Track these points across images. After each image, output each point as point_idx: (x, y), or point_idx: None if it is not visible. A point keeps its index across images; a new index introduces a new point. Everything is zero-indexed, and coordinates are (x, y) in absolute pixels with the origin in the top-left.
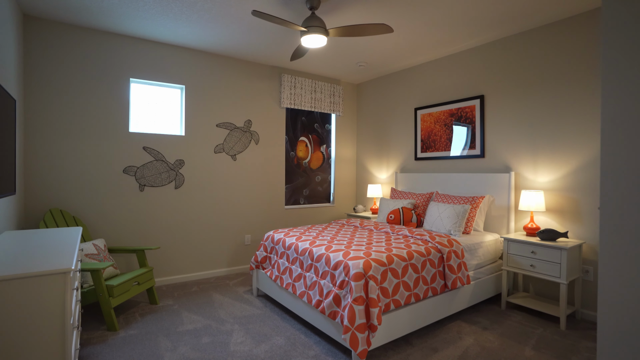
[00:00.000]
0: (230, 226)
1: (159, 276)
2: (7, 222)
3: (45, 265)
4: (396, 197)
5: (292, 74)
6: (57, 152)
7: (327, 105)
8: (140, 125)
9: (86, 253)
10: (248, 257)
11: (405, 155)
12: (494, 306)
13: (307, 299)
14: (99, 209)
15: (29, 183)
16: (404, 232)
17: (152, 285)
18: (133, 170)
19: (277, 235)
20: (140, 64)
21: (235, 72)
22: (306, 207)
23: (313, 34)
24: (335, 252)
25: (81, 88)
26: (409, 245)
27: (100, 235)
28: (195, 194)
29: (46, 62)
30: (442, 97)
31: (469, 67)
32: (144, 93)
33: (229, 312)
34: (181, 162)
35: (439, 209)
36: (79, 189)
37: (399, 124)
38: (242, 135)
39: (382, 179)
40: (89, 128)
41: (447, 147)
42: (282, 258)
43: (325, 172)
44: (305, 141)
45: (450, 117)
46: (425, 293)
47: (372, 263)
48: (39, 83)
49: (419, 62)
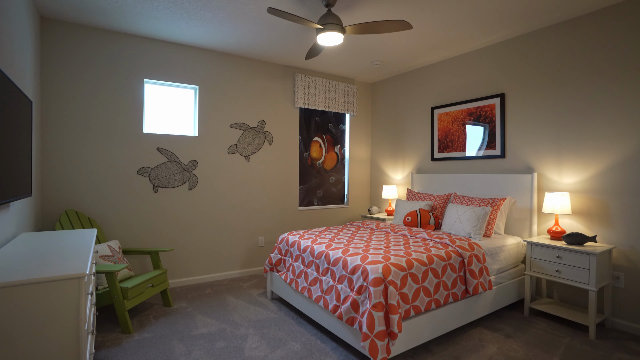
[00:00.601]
0: (243, 227)
1: (172, 278)
2: (23, 223)
3: (59, 269)
4: (412, 198)
5: (306, 74)
6: (72, 153)
7: (341, 105)
8: (154, 126)
9: (101, 255)
10: (261, 259)
11: (421, 156)
12: (517, 312)
13: (324, 304)
14: (113, 210)
15: (46, 184)
16: (423, 235)
17: (166, 287)
18: (147, 171)
19: (292, 238)
20: (154, 64)
21: (248, 72)
22: (320, 208)
23: (329, 32)
24: (352, 256)
25: (96, 89)
26: (428, 249)
27: (115, 236)
28: (208, 195)
29: (62, 63)
30: (460, 96)
31: (488, 64)
32: (157, 94)
33: (243, 315)
34: (195, 163)
35: (458, 211)
36: (94, 190)
37: (415, 124)
38: (256, 135)
39: (398, 180)
40: (103, 129)
41: (465, 147)
42: (297, 261)
43: (339, 172)
44: (319, 141)
45: (468, 117)
46: (445, 299)
47: (391, 268)
48: (55, 84)
49: (436, 60)
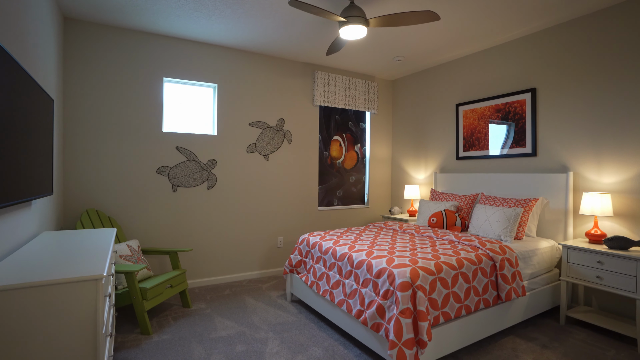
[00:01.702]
0: (262, 228)
1: (191, 278)
2: (45, 222)
3: (76, 271)
4: (436, 198)
5: (326, 71)
6: (93, 152)
7: (362, 102)
8: (173, 125)
9: (120, 254)
10: (280, 260)
11: (445, 155)
12: (551, 321)
13: (347, 308)
14: (133, 210)
15: (68, 183)
16: (450, 237)
17: (185, 288)
18: (166, 171)
19: (313, 239)
20: (174, 63)
21: (267, 70)
22: (340, 208)
23: (352, 25)
24: (377, 259)
25: (116, 88)
26: (457, 251)
27: (134, 235)
28: (227, 195)
29: (84, 63)
30: (487, 91)
31: (519, 58)
32: (176, 92)
33: (262, 318)
34: (214, 162)
35: (486, 212)
36: (114, 189)
37: (438, 122)
38: (275, 134)
39: (420, 179)
40: (123, 128)
41: (493, 145)
42: (319, 263)
43: (360, 172)
44: (339, 140)
45: (496, 113)
46: (476, 305)
47: (419, 272)
48: (76, 84)
49: (462, 54)
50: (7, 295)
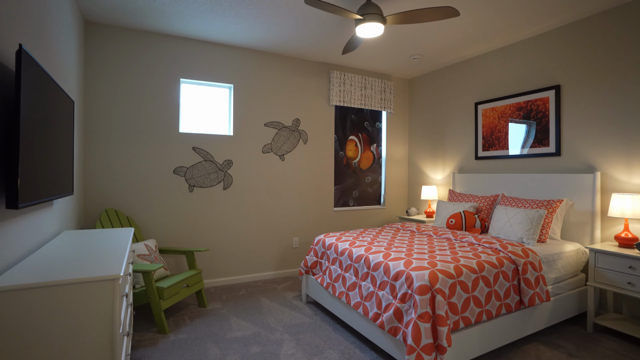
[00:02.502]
0: (278, 228)
1: (207, 278)
2: (66, 221)
3: (94, 270)
4: (454, 199)
5: (342, 70)
6: (112, 152)
7: (378, 102)
8: (189, 126)
9: (138, 254)
10: (296, 261)
11: (463, 154)
12: (578, 328)
13: (363, 311)
14: (150, 210)
15: (88, 183)
16: (469, 239)
17: (201, 287)
18: (183, 171)
19: (329, 240)
20: (190, 64)
21: (283, 70)
22: (356, 209)
23: (369, 22)
24: (394, 261)
25: (134, 89)
26: (477, 254)
27: (152, 235)
28: (243, 195)
29: (103, 65)
30: (508, 89)
31: (542, 54)
32: (193, 93)
33: (278, 319)
34: (229, 163)
35: (507, 214)
36: (132, 189)
37: (456, 121)
38: (291, 134)
39: (438, 180)
40: (141, 129)
41: (514, 144)
42: (334, 264)
43: (376, 172)
44: (355, 140)
45: (517, 112)
46: (498, 310)
47: (438, 275)
48: (96, 86)
49: (482, 51)
50: (26, 294)
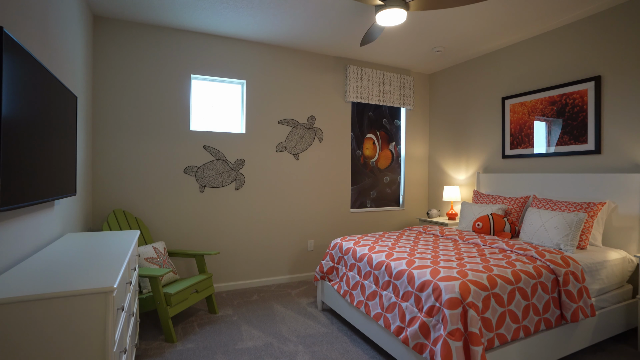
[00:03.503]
0: (292, 230)
1: (218, 282)
2: (70, 223)
3: (85, 281)
4: (480, 201)
5: (359, 65)
6: (121, 151)
7: (397, 98)
8: (200, 124)
9: (146, 257)
10: (310, 265)
11: (489, 153)
12: (626, 346)
13: (384, 323)
14: (159, 210)
15: (97, 183)
16: (500, 245)
17: (211, 293)
18: (193, 170)
19: (346, 244)
20: (201, 59)
21: (297, 65)
22: (373, 210)
23: (391, 9)
24: (419, 269)
25: (144, 86)
26: (511, 262)
27: (161, 237)
28: (256, 196)
29: (112, 61)
30: (539, 82)
31: (579, 42)
32: (204, 89)
33: (291, 328)
34: (242, 162)
35: (541, 217)
36: (141, 190)
37: (481, 118)
38: (305, 132)
39: (460, 180)
40: (151, 127)
41: (546, 141)
42: (352, 271)
43: (394, 172)
44: (373, 138)
45: (550, 106)
46: (536, 326)
47: (470, 286)
48: (105, 82)
49: (510, 42)
50: (12, 308)
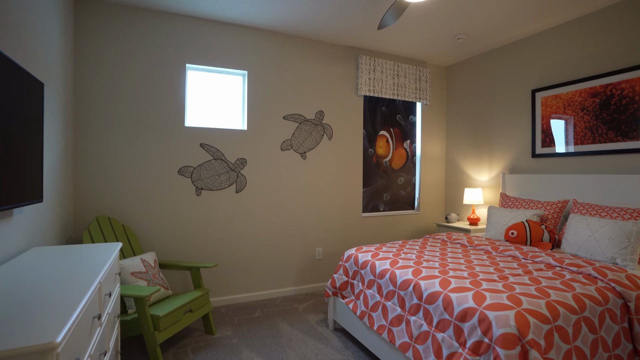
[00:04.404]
0: (298, 237)
1: (217, 295)
2: (36, 235)
3: (21, 331)
4: (509, 205)
5: (371, 55)
6: (106, 149)
7: (412, 92)
8: (197, 119)
9: (132, 271)
10: (319, 275)
11: (516, 152)
12: None
13: (414, 356)
14: (150, 217)
15: (79, 186)
16: (545, 260)
17: (208, 311)
18: (189, 171)
19: (362, 256)
20: (198, 47)
21: (304, 55)
22: (387, 214)
23: None
24: (458, 292)
25: (133, 76)
26: (567, 284)
27: (152, 246)
28: (258, 199)
29: (95, 48)
30: (577, 72)
31: (626, 25)
32: (201, 81)
33: (300, 354)
34: (243, 162)
35: (590, 226)
36: (129, 193)
37: (506, 113)
38: (313, 129)
39: (483, 181)
40: (141, 122)
41: (586, 138)
42: (371, 288)
43: (409, 172)
44: (386, 136)
45: (590, 99)
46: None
47: (529, 318)
48: (88, 71)
49: (543, 27)
50: None
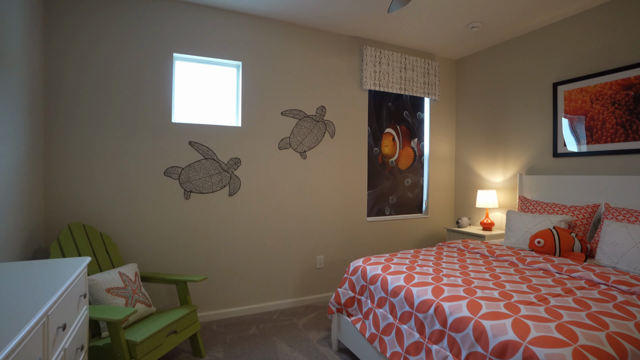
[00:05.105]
0: (298, 244)
1: (208, 309)
2: None
3: None
4: (530, 209)
5: (377, 46)
6: (83, 148)
7: (420, 86)
8: (186, 115)
9: (108, 287)
10: (320, 285)
11: (534, 151)
12: None
13: None
14: (132, 223)
15: (50, 189)
16: (584, 274)
17: (196, 331)
18: (177, 172)
19: (372, 270)
20: (186, 35)
21: (304, 45)
22: (393, 219)
23: None
24: (493, 319)
25: (113, 67)
26: (622, 307)
27: (135, 256)
28: (254, 203)
29: (70, 34)
30: (607, 62)
31: None
32: (190, 73)
33: None
34: (237, 161)
35: (631, 234)
36: (109, 197)
37: (524, 109)
38: (314, 126)
39: (496, 183)
40: (122, 118)
41: (617, 135)
42: (382, 308)
43: (417, 173)
44: (392, 134)
45: (623, 91)
46: None
47: (590, 358)
48: (61, 61)
49: (566, 14)
50: None
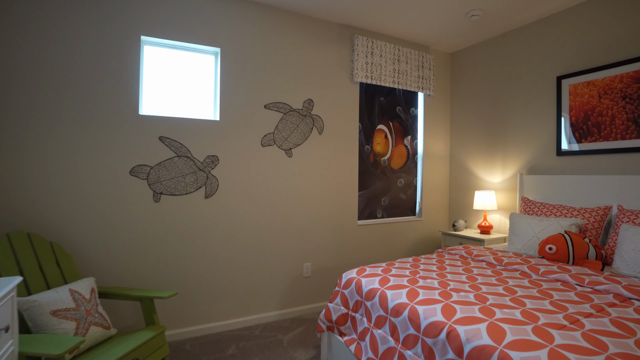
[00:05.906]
0: (282, 251)
1: (180, 327)
2: None
3: None
4: (533, 211)
5: (369, 36)
6: (30, 146)
7: (414, 80)
8: (155, 106)
9: (53, 309)
10: (307, 295)
11: (536, 149)
12: None
13: None
14: (92, 230)
15: None
16: (612, 288)
17: (164, 355)
18: (145, 172)
19: (367, 283)
20: (156, 16)
21: (291, 32)
22: (386, 222)
23: None
24: (521, 350)
25: (70, 50)
26: None
27: (93, 269)
28: (233, 205)
29: (20, 12)
30: (615, 54)
31: None
32: (161, 59)
33: None
34: (214, 159)
35: None
36: (63, 200)
37: (524, 104)
38: (301, 121)
39: (495, 183)
40: (80, 109)
41: (629, 132)
42: (382, 328)
43: (410, 173)
44: (385, 131)
45: (634, 84)
46: None
47: None
48: (8, 44)
49: (571, 3)
50: None
